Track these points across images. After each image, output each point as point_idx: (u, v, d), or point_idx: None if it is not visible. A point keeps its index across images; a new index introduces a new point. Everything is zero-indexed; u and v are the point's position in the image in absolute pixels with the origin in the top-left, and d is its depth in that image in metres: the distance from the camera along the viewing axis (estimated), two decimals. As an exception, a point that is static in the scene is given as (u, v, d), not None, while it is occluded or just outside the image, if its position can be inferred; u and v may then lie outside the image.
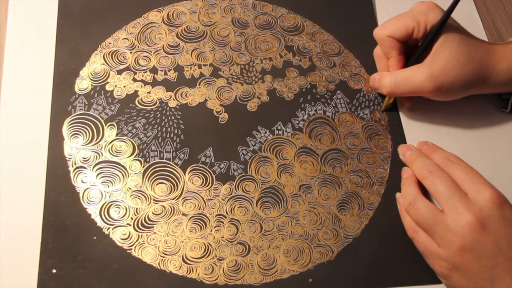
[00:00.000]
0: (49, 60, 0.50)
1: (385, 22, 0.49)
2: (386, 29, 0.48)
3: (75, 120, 0.48)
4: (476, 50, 0.46)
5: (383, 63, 0.50)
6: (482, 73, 0.46)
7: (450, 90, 0.46)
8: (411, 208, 0.43)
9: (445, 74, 0.45)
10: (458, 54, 0.45)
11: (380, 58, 0.51)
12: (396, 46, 0.48)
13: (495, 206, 0.39)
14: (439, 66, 0.46)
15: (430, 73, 0.46)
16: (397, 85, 0.48)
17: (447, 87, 0.46)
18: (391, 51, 0.48)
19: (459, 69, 0.45)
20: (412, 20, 0.47)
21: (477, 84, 0.47)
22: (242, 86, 0.51)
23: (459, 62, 0.45)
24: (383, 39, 0.48)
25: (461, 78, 0.46)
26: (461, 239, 0.39)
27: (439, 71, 0.45)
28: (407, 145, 0.49)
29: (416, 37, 0.47)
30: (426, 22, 0.46)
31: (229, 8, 0.55)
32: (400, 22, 0.47)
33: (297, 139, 0.49)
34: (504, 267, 0.38)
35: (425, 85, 0.46)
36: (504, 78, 0.47)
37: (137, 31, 0.52)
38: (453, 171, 0.43)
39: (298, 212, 0.46)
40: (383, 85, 0.49)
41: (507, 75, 0.47)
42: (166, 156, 0.47)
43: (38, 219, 0.44)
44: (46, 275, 0.42)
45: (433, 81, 0.46)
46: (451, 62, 0.45)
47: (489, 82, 0.47)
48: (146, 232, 0.44)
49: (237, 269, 0.44)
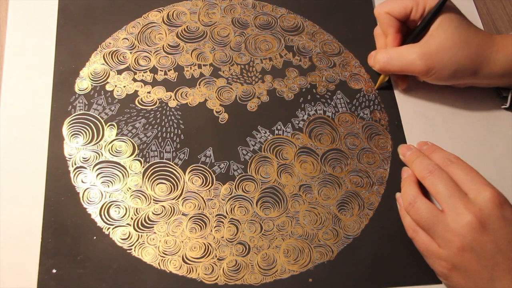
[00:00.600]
0: (49, 60, 0.50)
1: (385, 0, 0.50)
2: (385, 6, 0.49)
3: (75, 120, 0.48)
4: (474, 37, 0.46)
5: (382, 41, 0.51)
6: (477, 61, 0.46)
7: (441, 72, 0.46)
8: (411, 208, 0.43)
9: (438, 55, 0.46)
10: (455, 37, 0.46)
11: (379, 36, 0.51)
12: (394, 24, 0.48)
13: (495, 206, 0.39)
14: (433, 46, 0.46)
15: (423, 52, 0.46)
16: (389, 61, 0.48)
17: (439, 68, 0.46)
18: (388, 28, 0.49)
19: (454, 53, 0.46)
20: (411, 0, 0.47)
21: (471, 72, 0.47)
22: (242, 86, 0.51)
23: (455, 46, 0.45)
24: (381, 16, 0.49)
25: (454, 61, 0.46)
26: (461, 239, 0.39)
27: (432, 51, 0.46)
28: (407, 145, 0.49)
29: (414, 17, 0.48)
30: (425, 4, 0.47)
31: (229, 8, 0.55)
32: (399, 1, 0.48)
33: (297, 139, 0.49)
34: (504, 267, 0.38)
35: (417, 63, 0.46)
36: (500, 69, 0.47)
37: (137, 31, 0.52)
38: (453, 171, 0.43)
39: (298, 212, 0.46)
40: (376, 61, 0.50)
41: (504, 66, 0.46)
42: (166, 156, 0.47)
43: (38, 219, 0.44)
44: (46, 275, 0.42)
45: (425, 60, 0.46)
46: (446, 44, 0.46)
47: (484, 72, 0.47)
48: (146, 232, 0.44)
49: (237, 269, 0.44)
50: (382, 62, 0.49)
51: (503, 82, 0.49)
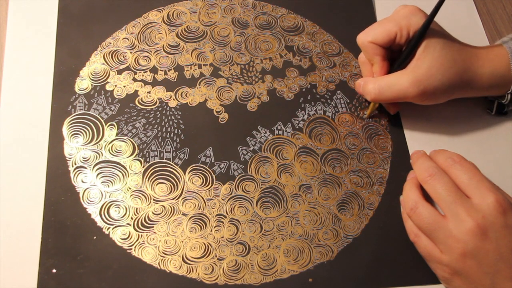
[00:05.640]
0: (49, 60, 0.50)
1: (368, 27, 0.48)
2: (368, 35, 0.47)
3: (75, 120, 0.48)
4: (459, 54, 0.46)
5: (368, 69, 0.50)
6: (465, 77, 0.46)
7: (434, 94, 0.46)
8: (412, 213, 0.42)
9: (428, 79, 0.45)
10: (441, 58, 0.45)
11: (364, 64, 0.50)
12: (379, 52, 0.47)
13: (499, 213, 0.39)
14: (423, 71, 0.45)
15: (414, 78, 0.45)
16: (381, 91, 0.47)
17: (431, 91, 0.46)
18: (374, 57, 0.48)
19: (443, 73, 0.45)
20: (394, 26, 0.46)
21: (460, 88, 0.47)
22: (242, 86, 0.51)
23: (443, 66, 0.45)
24: (366, 46, 0.48)
25: (444, 82, 0.46)
26: (463, 246, 0.39)
27: (422, 76, 0.45)
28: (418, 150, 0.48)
29: (399, 42, 0.47)
30: (409, 27, 0.46)
31: (229, 8, 0.55)
32: (382, 28, 0.47)
33: (297, 139, 0.49)
34: (505, 274, 0.38)
35: (409, 91, 0.46)
36: (487, 82, 0.47)
37: (137, 31, 0.52)
38: (456, 172, 0.42)
39: (298, 212, 0.46)
40: (367, 92, 0.48)
41: (490, 79, 0.47)
42: (166, 156, 0.47)
43: (38, 219, 0.44)
44: (46, 275, 0.42)
45: (417, 86, 0.45)
46: (434, 66, 0.45)
47: (472, 86, 0.47)
48: (146, 232, 0.44)
49: (237, 269, 0.44)
50: (373, 94, 0.48)
51: (490, 93, 0.49)
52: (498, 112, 0.51)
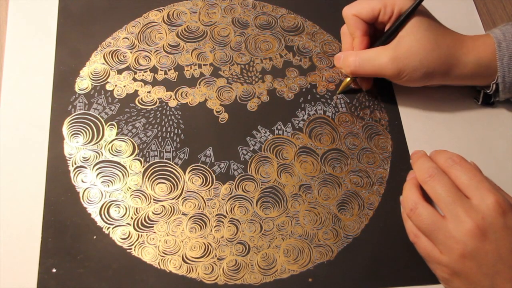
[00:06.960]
0: (49, 60, 0.50)
1: (354, 1, 0.49)
2: (353, 8, 0.48)
3: (75, 120, 0.48)
4: (444, 39, 0.46)
5: (348, 42, 0.50)
6: (447, 62, 0.46)
7: (412, 74, 0.46)
8: (412, 214, 0.42)
9: (408, 58, 0.46)
10: (424, 39, 0.46)
11: (345, 36, 0.51)
12: (361, 27, 0.48)
13: (498, 214, 0.38)
14: (403, 49, 0.46)
15: (393, 55, 0.46)
16: (361, 64, 0.48)
17: (409, 71, 0.46)
18: (355, 31, 0.48)
19: (423, 55, 0.45)
20: (379, 2, 0.47)
21: (441, 74, 0.47)
22: (242, 86, 0.51)
23: (424, 48, 0.45)
24: (349, 18, 0.49)
25: (424, 64, 0.46)
26: (462, 247, 0.39)
27: (402, 54, 0.46)
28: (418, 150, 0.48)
29: (382, 20, 0.47)
30: (393, 6, 0.46)
31: (229, 8, 0.55)
32: (367, 3, 0.48)
33: (297, 139, 0.49)
34: (505, 275, 0.38)
35: (388, 67, 0.46)
36: (470, 71, 0.47)
37: (137, 31, 0.52)
38: (456, 173, 0.42)
39: (298, 212, 0.46)
40: (347, 64, 0.49)
41: (473, 68, 0.46)
42: (166, 156, 0.47)
43: (38, 219, 0.44)
44: (46, 274, 0.42)
45: (396, 63, 0.46)
46: (415, 46, 0.45)
47: (454, 73, 0.47)
48: (146, 232, 0.44)
49: (237, 269, 0.44)
50: (353, 66, 0.48)
51: (473, 83, 0.49)
52: (485, 103, 0.51)
